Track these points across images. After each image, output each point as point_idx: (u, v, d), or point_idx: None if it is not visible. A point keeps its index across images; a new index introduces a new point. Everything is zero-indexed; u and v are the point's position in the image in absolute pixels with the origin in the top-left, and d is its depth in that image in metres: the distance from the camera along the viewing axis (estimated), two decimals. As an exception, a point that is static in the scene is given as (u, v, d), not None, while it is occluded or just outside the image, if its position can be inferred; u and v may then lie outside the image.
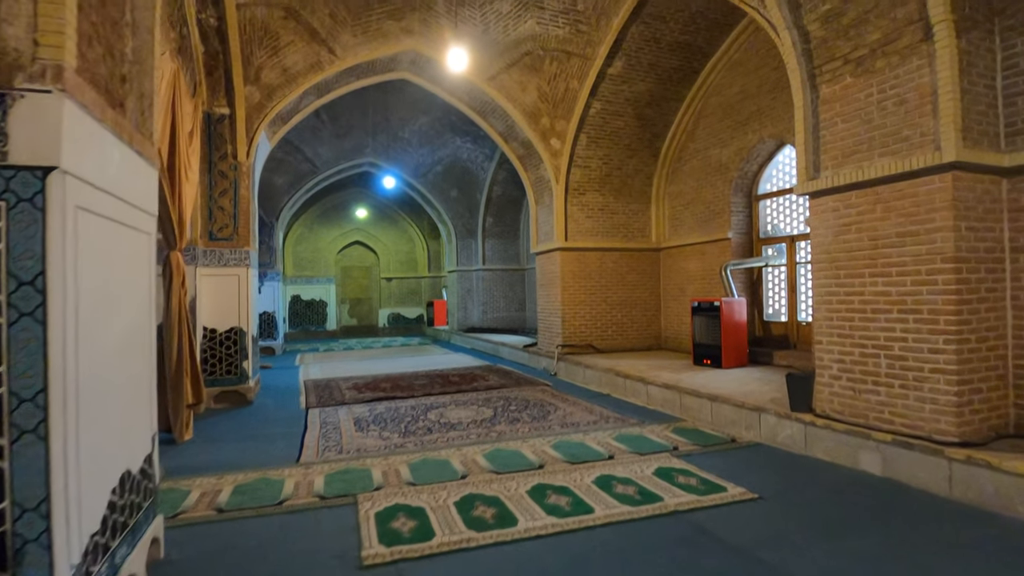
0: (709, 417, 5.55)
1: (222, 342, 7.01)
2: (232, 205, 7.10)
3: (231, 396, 7.04)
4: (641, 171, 9.26)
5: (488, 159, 13.66)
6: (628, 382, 6.87)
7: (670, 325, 9.33)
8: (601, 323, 9.02)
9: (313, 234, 18.36)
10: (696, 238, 8.65)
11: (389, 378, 8.76)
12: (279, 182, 13.53)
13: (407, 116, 13.22)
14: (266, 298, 13.35)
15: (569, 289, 8.85)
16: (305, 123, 12.62)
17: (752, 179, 8.17)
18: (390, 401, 6.94)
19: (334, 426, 5.72)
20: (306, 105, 8.34)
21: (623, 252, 9.22)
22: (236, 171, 7.13)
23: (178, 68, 5.58)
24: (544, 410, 6.19)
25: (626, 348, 9.18)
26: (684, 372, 6.92)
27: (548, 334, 9.30)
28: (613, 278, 9.13)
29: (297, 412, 6.53)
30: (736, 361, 7.28)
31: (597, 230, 9.07)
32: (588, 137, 8.65)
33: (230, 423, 6.06)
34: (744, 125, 7.89)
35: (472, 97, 8.93)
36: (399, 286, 19.47)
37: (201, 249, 6.81)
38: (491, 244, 14.68)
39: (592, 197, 9.04)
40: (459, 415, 6.03)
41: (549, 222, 9.11)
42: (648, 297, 9.38)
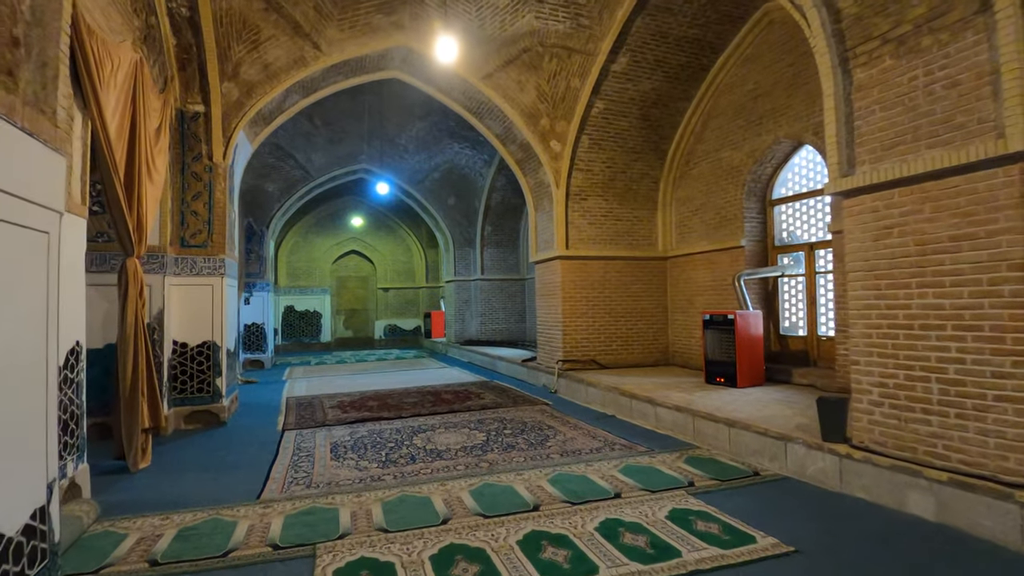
0: (727, 445, 4.95)
1: (193, 357, 6.46)
2: (207, 209, 6.58)
3: (203, 416, 6.47)
4: (647, 175, 8.73)
5: (487, 165, 13.17)
6: (635, 403, 6.28)
7: (678, 339, 8.74)
8: (604, 336, 8.44)
9: (308, 243, 17.86)
10: (706, 246, 8.09)
11: (378, 395, 8.18)
12: (270, 189, 13.05)
13: (403, 121, 12.77)
14: (255, 309, 12.82)
15: (570, 300, 8.28)
16: (297, 128, 12.20)
17: (766, 183, 7.62)
18: (375, 423, 6.35)
19: (308, 453, 5.13)
20: (291, 105, 7.85)
21: (628, 261, 8.66)
22: (211, 173, 6.61)
23: (141, 59, 5.08)
24: (542, 435, 5.60)
25: (631, 364, 8.59)
26: (696, 392, 6.32)
27: (548, 348, 8.72)
28: (617, 288, 8.57)
29: (272, 435, 5.96)
30: (752, 379, 6.68)
31: (600, 237, 8.52)
32: (590, 139, 8.13)
33: (196, 448, 5.48)
34: (758, 125, 7.36)
35: (467, 97, 8.44)
36: (396, 297, 18.93)
37: (171, 257, 6.28)
38: (490, 253, 14.15)
39: (595, 202, 8.51)
40: (448, 440, 5.44)
41: (549, 229, 8.56)
42: (654, 309, 8.80)
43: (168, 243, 6.17)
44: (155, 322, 6.04)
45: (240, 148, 7.33)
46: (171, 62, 6.13)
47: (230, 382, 7.05)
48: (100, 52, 4.20)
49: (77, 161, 3.93)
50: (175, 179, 6.44)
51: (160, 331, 6.06)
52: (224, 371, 6.61)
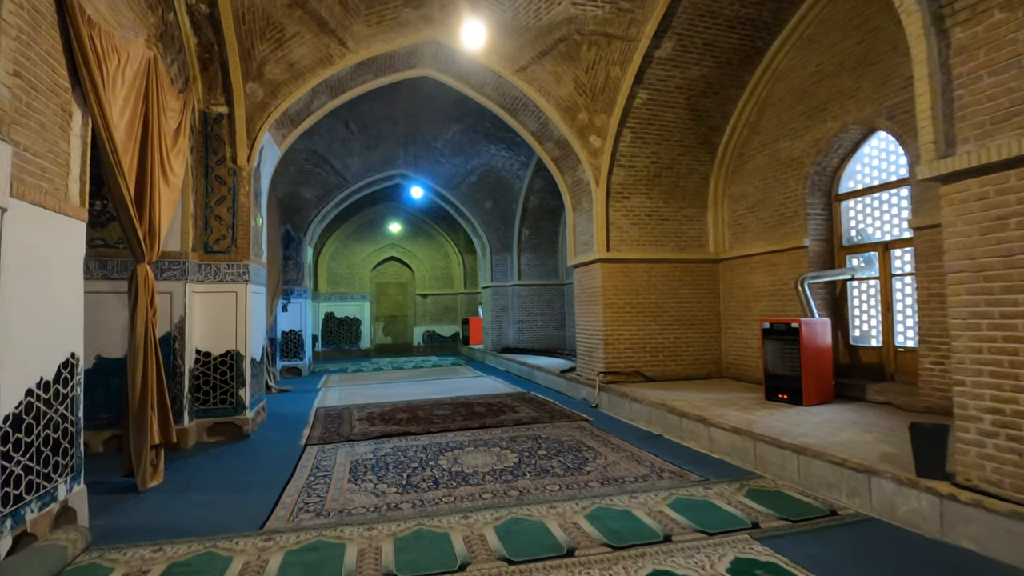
0: (795, 475, 4.27)
1: (216, 367, 6.23)
2: (230, 214, 6.36)
3: (225, 428, 6.23)
4: (695, 170, 8.05)
5: (524, 167, 12.72)
6: (685, 422, 5.64)
7: (732, 349, 7.99)
8: (650, 346, 7.79)
9: (348, 250, 17.86)
10: (764, 247, 7.35)
11: (409, 407, 7.80)
12: (307, 195, 12.99)
13: (439, 124, 12.50)
14: (293, 316, 12.76)
15: (612, 307, 7.68)
16: (334, 134, 12.10)
17: (832, 176, 6.84)
18: (401, 438, 5.95)
19: (326, 473, 4.76)
20: (319, 106, 7.61)
21: (675, 264, 7.99)
22: (235, 176, 6.39)
23: (155, 56, 4.86)
24: (581, 457, 5.04)
25: (680, 376, 7.90)
26: (756, 410, 5.63)
27: (588, 359, 8.13)
28: (664, 294, 7.91)
29: (294, 450, 5.63)
30: (820, 396, 5.92)
31: (644, 239, 7.90)
32: (633, 132, 7.54)
33: (212, 464, 5.20)
34: (821, 111, 6.60)
35: (500, 93, 8.00)
36: (434, 303, 18.68)
37: (193, 263, 6.07)
38: (527, 258, 13.66)
39: (638, 201, 7.89)
40: (476, 461, 4.96)
41: (589, 230, 8.00)
42: (705, 316, 8.09)
43: (190, 249, 5.97)
44: (176, 331, 5.83)
45: (267, 151, 7.11)
46: (192, 62, 5.94)
47: (256, 393, 6.81)
48: (104, 45, 3.96)
49: (75, 160, 3.67)
50: (198, 183, 6.24)
51: (182, 340, 5.85)
52: (248, 381, 6.36)
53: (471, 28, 6.31)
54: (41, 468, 3.23)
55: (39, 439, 3.21)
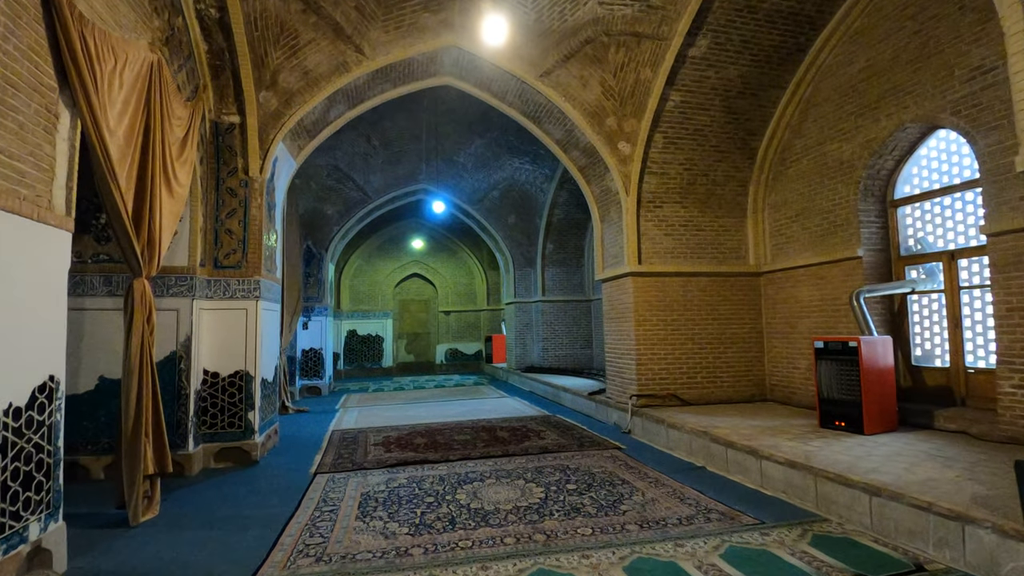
0: (867, 519, 3.67)
1: (225, 388, 5.89)
2: (241, 227, 6.08)
3: (233, 454, 5.87)
4: (733, 177, 7.52)
5: (548, 180, 12.33)
6: (732, 452, 5.05)
7: (777, 370, 7.36)
8: (687, 367, 7.21)
9: (370, 267, 17.66)
10: (810, 258, 6.76)
11: (428, 430, 7.36)
12: (329, 212, 12.82)
13: (461, 138, 12.26)
14: (313, 334, 12.51)
15: (645, 324, 7.15)
16: (355, 149, 11.95)
17: (886, 180, 6.26)
18: (417, 467, 5.49)
19: (333, 507, 4.32)
20: (337, 116, 7.35)
21: (713, 277, 7.44)
22: (247, 188, 6.13)
23: (159, 61, 4.62)
24: (615, 492, 4.51)
25: (720, 399, 7.29)
26: (811, 440, 5.02)
27: (619, 380, 7.59)
28: (701, 310, 7.35)
29: (302, 479, 5.22)
30: (883, 424, 5.28)
31: (679, 250, 7.37)
32: (665, 137, 7.07)
33: (214, 495, 4.82)
34: (874, 109, 6.05)
35: (523, 100, 7.63)
36: (458, 320, 18.30)
37: (202, 278, 5.79)
38: (552, 273, 13.19)
39: (671, 210, 7.39)
40: (498, 496, 4.47)
41: (618, 242, 7.51)
42: (747, 334, 7.48)
43: (198, 263, 5.68)
44: (182, 349, 5.52)
45: (281, 163, 6.86)
46: (203, 69, 5.72)
47: (267, 416, 6.46)
48: (98, 44, 3.70)
49: (62, 165, 3.38)
50: (208, 195, 5.99)
51: (188, 359, 5.53)
52: (258, 404, 6.00)
53: (492, 23, 5.97)
54: (8, 506, 2.87)
55: (5, 473, 2.85)
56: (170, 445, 5.41)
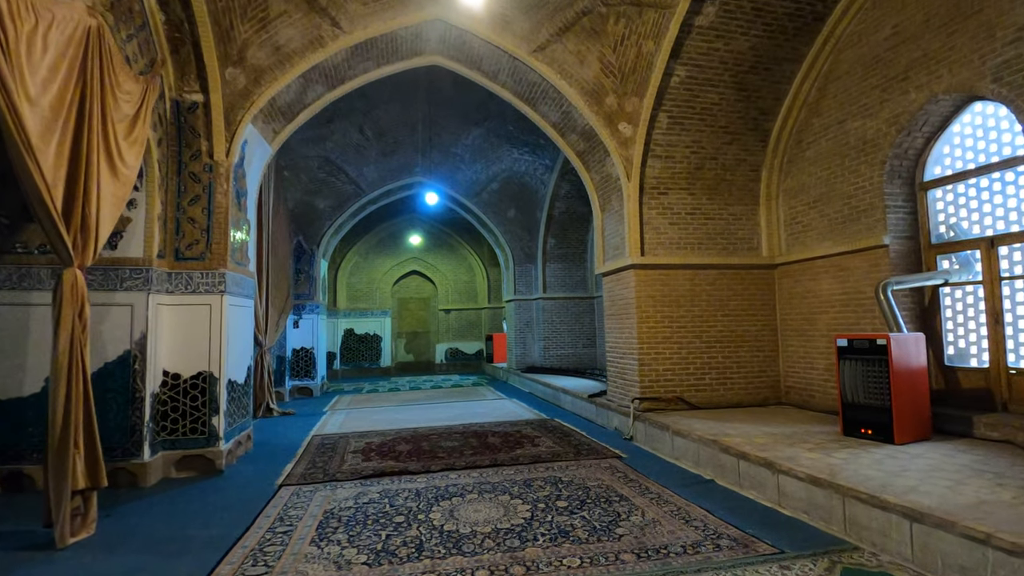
0: (907, 548, 3.09)
1: (186, 391, 5.39)
2: (205, 216, 5.58)
3: (196, 462, 5.36)
4: (744, 161, 6.92)
5: (548, 171, 11.77)
6: (745, 464, 4.47)
7: (794, 371, 6.76)
8: (695, 368, 6.63)
9: (368, 264, 17.18)
10: (830, 248, 6.16)
11: (414, 436, 6.83)
12: (321, 206, 12.33)
13: (458, 129, 11.75)
14: (304, 332, 12.03)
15: (648, 321, 6.57)
16: (347, 141, 11.46)
17: (915, 160, 5.65)
18: (394, 479, 4.96)
19: (289, 527, 3.80)
20: (315, 98, 6.83)
21: (723, 270, 6.84)
22: (211, 173, 5.62)
23: (100, 27, 4.12)
24: (611, 511, 3.95)
25: (731, 403, 6.70)
26: (835, 451, 4.43)
27: (620, 382, 7.01)
28: (710, 305, 6.76)
29: (266, 492, 4.71)
30: (915, 431, 4.69)
31: (685, 241, 6.79)
32: (670, 117, 6.49)
33: (163, 510, 4.32)
34: (902, 80, 5.44)
35: (517, 79, 7.08)
36: (458, 318, 17.78)
37: (159, 271, 5.29)
38: (553, 269, 12.63)
39: (677, 197, 6.80)
40: (477, 515, 3.92)
41: (619, 233, 6.94)
42: (760, 331, 6.89)
43: (155, 255, 5.18)
44: (136, 349, 5.02)
45: (254, 147, 6.35)
46: (160, 41, 5.21)
47: (237, 421, 5.95)
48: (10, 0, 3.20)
49: (-47, 132, 2.87)
50: (169, 180, 5.49)
51: (143, 359, 5.03)
52: (223, 408, 5.50)
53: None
54: None
55: None
56: (123, 453, 4.95)
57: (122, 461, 4.93)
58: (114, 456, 4.91)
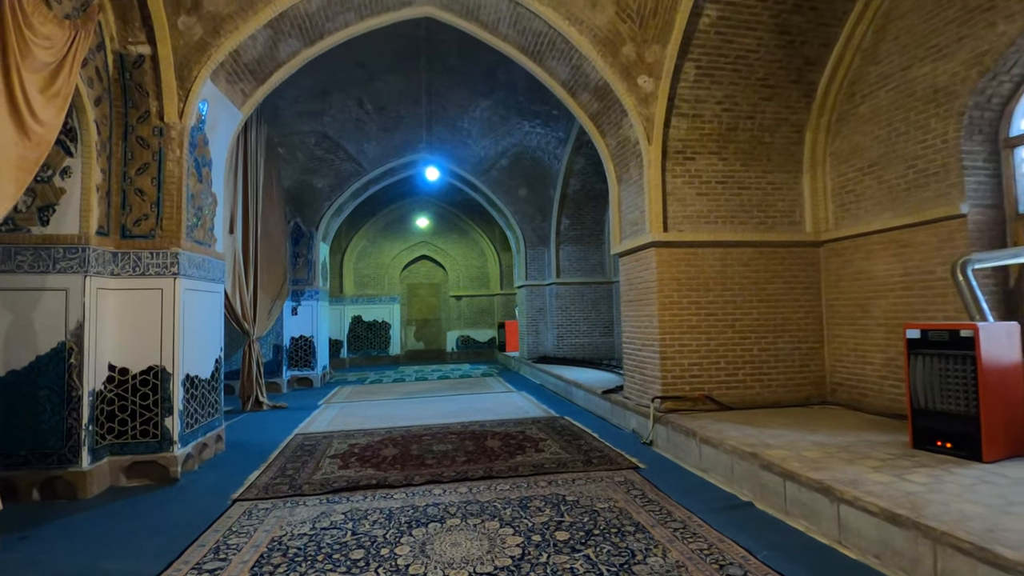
0: (1041, 626, 2.20)
1: (135, 388, 4.70)
2: (155, 187, 4.84)
3: (148, 469, 4.69)
4: (785, 120, 5.92)
5: (562, 144, 10.84)
6: (792, 487, 3.58)
7: (842, 365, 5.80)
8: (725, 361, 5.72)
9: (376, 248, 16.48)
10: (890, 220, 5.17)
11: (405, 437, 6.08)
12: (319, 185, 11.60)
13: (465, 101, 10.91)
14: (303, 320, 11.38)
15: (672, 307, 5.67)
16: (346, 115, 10.69)
17: (1000, 110, 4.62)
18: (367, 495, 4.20)
19: (222, 561, 3.06)
20: (290, 55, 6.02)
21: (759, 248, 5.89)
22: (162, 137, 4.87)
23: (-5, -53, 3.34)
24: (623, 549, 3.12)
25: (767, 403, 5.78)
26: (908, 471, 3.52)
27: (639, 377, 6.14)
28: (744, 289, 5.83)
29: (215, 508, 3.99)
30: (1009, 446, 3.74)
31: (715, 214, 5.84)
32: (698, 68, 5.52)
33: (88, 532, 3.63)
34: (987, 10, 4.41)
35: (520, 29, 6.16)
36: (469, 305, 17.00)
37: (102, 251, 4.57)
38: (568, 251, 11.72)
39: (706, 163, 5.85)
40: (454, 552, 3.13)
41: (639, 206, 6.02)
42: (803, 319, 5.93)
43: (93, 231, 4.45)
44: (72, 340, 4.33)
45: (218, 111, 5.57)
46: (92, -20, 4.44)
47: (200, 421, 5.25)
48: None
49: None
50: (114, 146, 4.75)
51: (80, 352, 4.34)
52: (178, 408, 4.79)
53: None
54: None
55: None
56: (59, 460, 4.30)
57: (58, 469, 4.26)
58: (49, 463, 4.26)
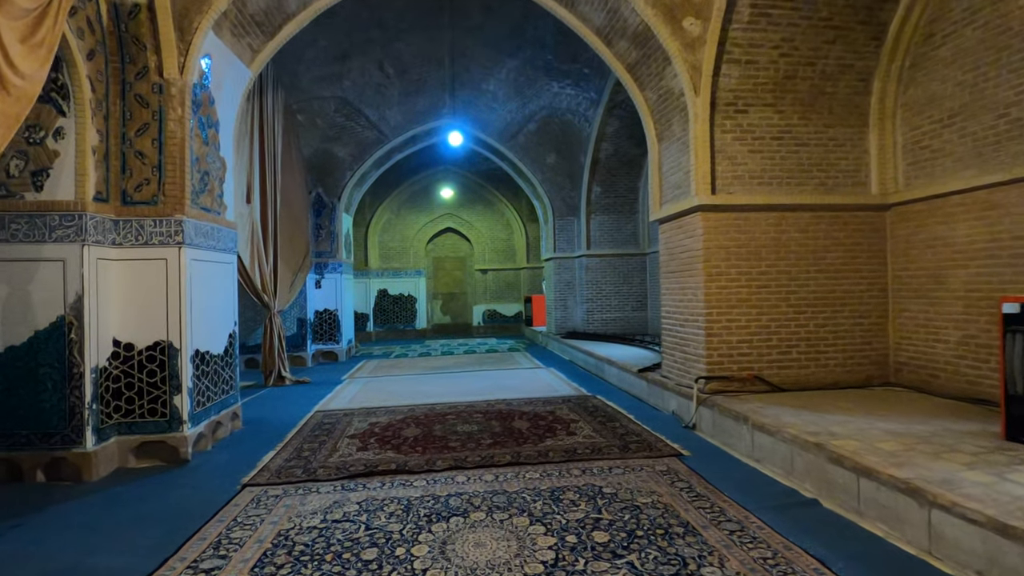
0: None
1: (142, 365, 4.44)
2: (156, 149, 4.49)
3: (157, 449, 4.45)
4: (850, 67, 5.22)
5: (594, 105, 10.16)
6: (868, 484, 3.09)
7: (909, 342, 5.20)
8: (778, 339, 5.17)
9: (400, 220, 16.14)
10: (974, 178, 4.50)
11: (429, 416, 5.75)
12: (340, 154, 11.22)
13: (489, 62, 10.35)
14: (327, 293, 11.16)
15: (720, 278, 5.13)
16: (366, 79, 10.24)
17: (1124, 45, 3.88)
18: (386, 480, 3.87)
19: (222, 558, 2.76)
20: (300, 6, 5.55)
21: (818, 212, 5.27)
22: (161, 94, 4.49)
23: None
24: (673, 556, 2.70)
25: (823, 384, 5.23)
26: (1008, 469, 2.98)
27: (679, 355, 5.64)
28: (801, 257, 5.23)
29: (223, 494, 3.72)
30: None
31: (770, 174, 5.23)
32: (752, 6, 4.85)
33: (89, 518, 3.39)
34: (1119, -78, 3.65)
35: (550, -29, 5.55)
36: (495, 279, 16.60)
37: (101, 218, 4.26)
38: (599, 222, 11.13)
39: (760, 117, 5.21)
40: (478, 554, 2.76)
41: (682, 165, 5.44)
42: (865, 291, 5.33)
43: (90, 197, 4.14)
44: (72, 314, 4.06)
45: (223, 67, 5.17)
46: (77, -84, 4.03)
47: (213, 399, 5.00)
48: None
49: None
50: (112, 105, 4.40)
51: (80, 326, 4.07)
52: (187, 385, 4.52)
53: None
54: None
55: None
56: (62, 441, 4.07)
57: (62, 450, 4.04)
58: (52, 444, 4.04)
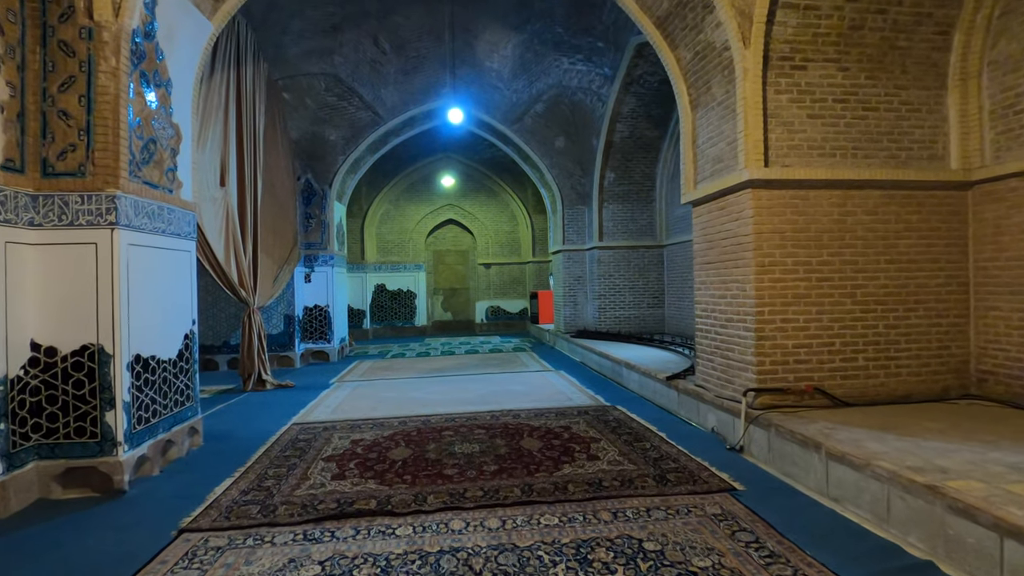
0: None
1: (67, 374, 3.61)
2: (84, 109, 3.64)
3: (89, 477, 3.63)
4: (927, 16, 4.33)
5: (607, 82, 9.28)
6: (1016, 548, 2.24)
7: (997, 347, 4.33)
8: (842, 342, 4.30)
9: (399, 211, 15.30)
10: (1099, 146, 3.62)
11: (422, 432, 4.91)
12: (332, 137, 10.37)
13: (494, 37, 9.52)
14: (317, 288, 10.33)
15: (773, 270, 4.26)
16: (360, 55, 9.43)
17: None
18: (362, 525, 3.03)
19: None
20: (271, -52, 4.70)
21: (889, 191, 4.39)
22: (91, 41, 3.65)
23: None
24: (761, 664, 1.86)
25: (893, 396, 4.36)
26: None
27: (720, 361, 4.78)
28: (868, 245, 4.36)
29: (151, 544, 2.90)
30: None
31: (832, 144, 4.35)
32: (817, -62, 3.98)
33: (-36, 584, 2.57)
34: None
35: (567, -96, 4.67)
36: (499, 274, 15.75)
37: (16, 193, 3.43)
38: (612, 211, 10.26)
39: (821, 75, 4.33)
40: (479, 657, 1.92)
41: (726, 134, 4.56)
42: (942, 286, 4.46)
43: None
44: (-30, 312, 3.23)
45: (175, 14, 4.31)
46: None
47: (161, 414, 4.17)
48: None
49: None
50: (29, 54, 3.56)
51: (-18, 328, 3.24)
52: (122, 399, 3.69)
53: None
54: None
55: None
56: (-40, 470, 3.22)
57: (-40, 480, 3.23)
58: (-52, 473, 3.22)
